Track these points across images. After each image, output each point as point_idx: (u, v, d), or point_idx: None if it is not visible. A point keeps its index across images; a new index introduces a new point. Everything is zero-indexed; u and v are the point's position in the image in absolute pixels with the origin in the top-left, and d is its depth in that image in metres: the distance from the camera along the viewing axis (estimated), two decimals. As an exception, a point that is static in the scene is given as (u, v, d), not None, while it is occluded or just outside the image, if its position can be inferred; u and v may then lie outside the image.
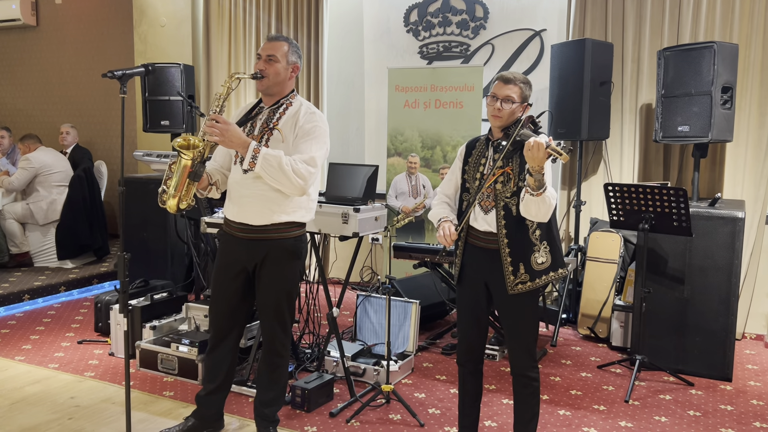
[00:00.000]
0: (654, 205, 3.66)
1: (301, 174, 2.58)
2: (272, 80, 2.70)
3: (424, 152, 5.29)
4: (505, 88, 2.52)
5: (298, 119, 2.69)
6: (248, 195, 2.69)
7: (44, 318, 4.92)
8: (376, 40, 6.02)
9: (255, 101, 2.88)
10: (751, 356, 4.27)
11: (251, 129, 2.76)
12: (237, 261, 2.79)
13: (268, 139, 2.70)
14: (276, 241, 2.72)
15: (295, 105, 2.75)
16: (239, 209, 2.72)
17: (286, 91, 2.77)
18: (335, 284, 5.88)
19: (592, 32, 4.90)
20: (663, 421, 3.30)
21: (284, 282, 2.78)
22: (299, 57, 2.78)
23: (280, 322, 2.82)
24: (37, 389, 3.59)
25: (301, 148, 2.65)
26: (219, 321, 2.89)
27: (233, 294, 2.83)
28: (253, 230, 2.71)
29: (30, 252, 6.09)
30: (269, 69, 2.68)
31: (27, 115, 8.19)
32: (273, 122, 2.72)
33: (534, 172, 2.30)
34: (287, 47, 2.72)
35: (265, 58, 2.69)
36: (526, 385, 2.61)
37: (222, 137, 2.54)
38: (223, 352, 2.93)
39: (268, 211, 2.68)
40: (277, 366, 2.89)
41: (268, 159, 2.55)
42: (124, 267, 2.53)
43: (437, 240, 2.56)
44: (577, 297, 4.72)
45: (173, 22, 6.48)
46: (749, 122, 4.50)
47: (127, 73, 2.54)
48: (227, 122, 2.56)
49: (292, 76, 2.76)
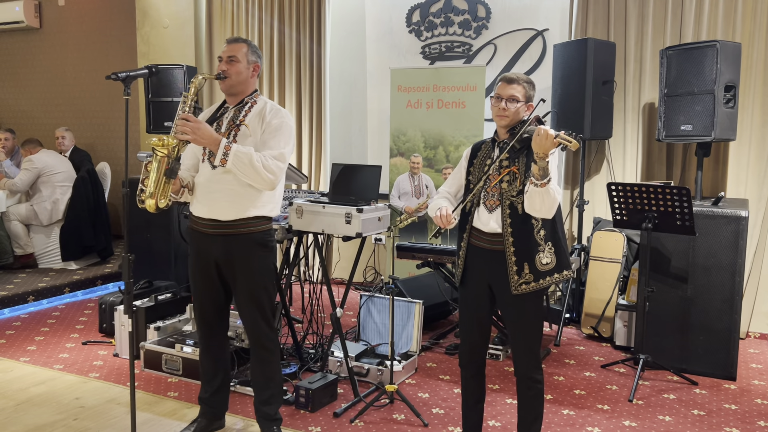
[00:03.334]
0: (657, 205, 3.66)
1: (271, 169, 2.67)
2: (234, 80, 2.78)
3: (426, 152, 5.29)
4: (509, 88, 2.53)
5: (264, 115, 2.78)
6: (218, 190, 2.74)
7: (49, 319, 4.94)
8: (378, 40, 6.03)
9: (220, 103, 2.94)
10: (755, 355, 4.26)
11: (218, 127, 2.83)
12: (209, 256, 2.82)
13: (235, 135, 2.77)
14: (246, 236, 2.77)
15: (259, 103, 2.84)
16: (209, 205, 2.77)
17: (249, 90, 2.85)
18: (339, 284, 5.89)
19: (595, 32, 4.89)
20: (667, 420, 3.30)
21: (259, 275, 2.82)
22: (259, 57, 2.87)
23: (263, 316, 2.85)
24: (41, 390, 3.60)
25: (270, 144, 2.74)
26: (206, 317, 2.94)
27: (213, 288, 2.88)
28: (223, 225, 2.76)
29: (34, 253, 6.12)
30: (231, 69, 2.77)
31: (30, 116, 8.21)
32: (240, 119, 2.80)
33: (539, 159, 2.30)
34: (246, 48, 2.81)
35: (226, 59, 2.78)
36: (530, 387, 2.60)
37: (194, 135, 2.62)
38: (215, 349, 2.99)
39: (238, 205, 2.74)
40: (268, 361, 2.91)
41: (239, 155, 2.63)
42: (129, 268, 2.54)
43: (435, 223, 2.56)
44: (581, 296, 4.72)
45: (176, 23, 6.49)
46: (752, 121, 4.49)
47: (130, 75, 2.55)
48: (198, 120, 2.64)
49: (254, 75, 2.85)
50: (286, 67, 6.11)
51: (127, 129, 2.49)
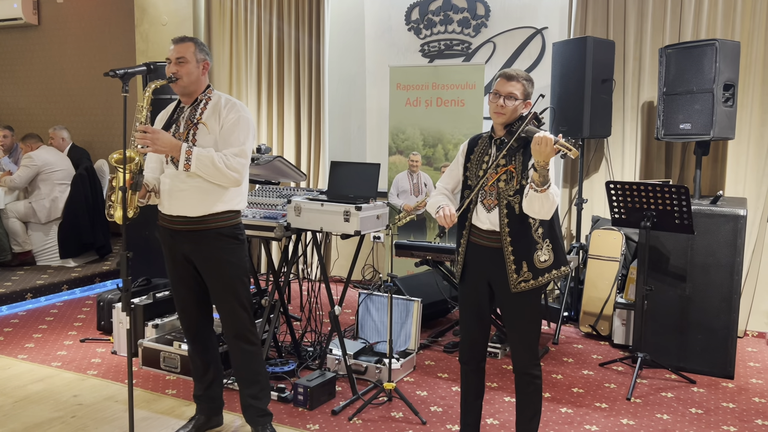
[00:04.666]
0: (656, 203, 3.66)
1: (235, 168, 2.70)
2: (186, 80, 2.77)
3: (425, 150, 5.29)
4: (507, 84, 2.52)
5: (220, 110, 2.79)
6: (185, 188, 2.75)
7: (47, 317, 4.93)
8: (377, 38, 6.02)
9: (174, 103, 2.94)
10: (753, 354, 4.27)
11: (176, 128, 2.83)
12: (182, 252, 2.83)
13: (194, 134, 2.77)
14: (216, 230, 2.78)
15: (214, 98, 2.84)
16: (178, 203, 2.77)
17: (202, 87, 2.85)
18: (337, 282, 5.89)
19: (594, 30, 4.89)
20: (665, 418, 3.30)
21: (234, 267, 2.82)
22: (207, 54, 2.86)
23: (242, 305, 2.86)
24: (40, 387, 3.60)
25: (230, 140, 2.75)
26: (189, 312, 2.94)
27: (191, 282, 2.88)
28: (193, 221, 2.77)
29: (32, 251, 6.11)
30: (181, 70, 2.76)
31: (29, 114, 8.20)
32: (197, 117, 2.80)
33: (539, 167, 2.30)
34: (194, 47, 2.80)
35: (175, 61, 2.77)
36: (528, 383, 2.61)
37: (154, 145, 2.63)
38: (202, 343, 2.99)
39: (206, 202, 2.75)
40: (253, 354, 2.91)
41: (201, 159, 2.66)
42: (127, 266, 2.54)
43: (437, 221, 2.57)
44: (579, 295, 4.72)
45: (175, 20, 6.48)
46: (751, 120, 4.49)
47: (129, 72, 2.55)
48: (155, 130, 2.66)
49: (204, 73, 2.84)
50: (285, 65, 6.10)
51: (126, 126, 2.49)
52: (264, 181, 4.27)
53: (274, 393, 3.39)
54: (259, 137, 6.27)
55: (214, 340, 3.06)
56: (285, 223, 3.58)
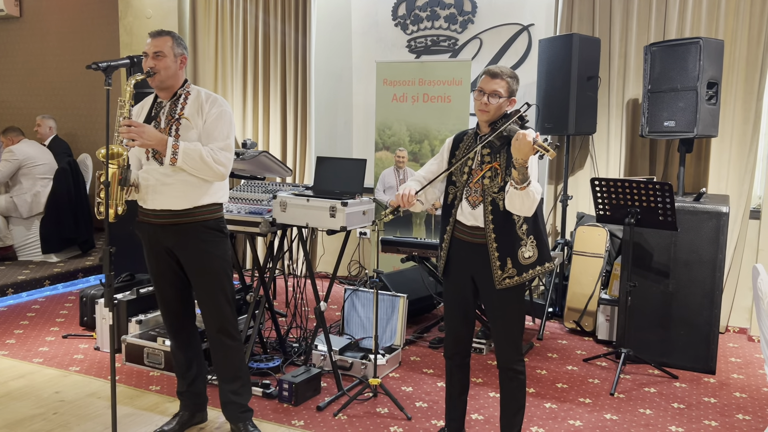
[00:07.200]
0: (640, 200, 3.69)
1: (221, 162, 2.72)
2: (164, 75, 2.75)
3: (412, 146, 5.28)
4: (492, 82, 2.52)
5: (202, 105, 2.78)
6: (171, 183, 2.73)
7: (28, 312, 4.88)
8: (364, 33, 6.00)
9: (150, 100, 2.91)
10: (735, 349, 4.32)
11: (157, 124, 2.81)
12: (164, 246, 2.81)
13: (177, 129, 2.76)
14: (200, 223, 2.78)
15: (193, 93, 2.83)
16: (162, 197, 2.75)
17: (180, 82, 2.84)
18: (323, 278, 5.87)
19: (580, 27, 4.91)
20: (648, 413, 3.33)
21: (218, 260, 2.82)
22: (185, 48, 2.85)
23: (226, 299, 2.85)
24: (21, 384, 3.56)
25: (215, 135, 2.75)
26: (171, 308, 2.93)
27: (173, 276, 2.86)
28: (178, 215, 2.76)
29: (14, 246, 6.03)
30: (159, 65, 2.74)
31: (10, 106, 8.08)
32: (178, 112, 2.79)
33: (518, 165, 2.31)
34: (171, 41, 2.79)
35: (152, 55, 2.75)
36: (512, 378, 2.63)
37: (140, 139, 2.62)
38: (184, 338, 2.98)
39: (191, 195, 2.75)
40: (236, 350, 2.90)
41: (188, 153, 2.66)
42: (110, 261, 2.52)
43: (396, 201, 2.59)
44: (564, 291, 4.75)
45: (159, 13, 6.41)
46: (734, 118, 4.53)
47: (111, 65, 2.52)
48: (140, 124, 2.65)
49: (182, 67, 2.83)
50: (271, 60, 6.06)
51: (108, 120, 2.46)
52: (249, 176, 4.25)
53: (259, 389, 3.38)
54: (244, 132, 6.24)
55: (197, 336, 3.05)
56: (270, 219, 3.56)
